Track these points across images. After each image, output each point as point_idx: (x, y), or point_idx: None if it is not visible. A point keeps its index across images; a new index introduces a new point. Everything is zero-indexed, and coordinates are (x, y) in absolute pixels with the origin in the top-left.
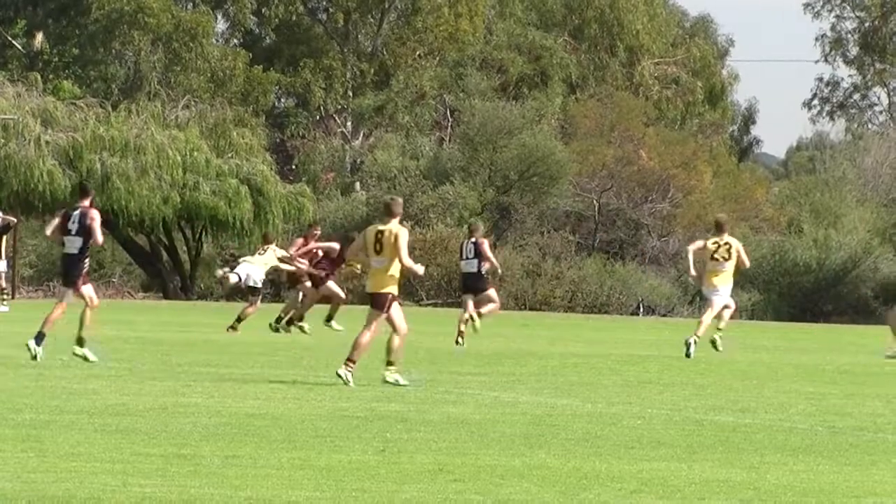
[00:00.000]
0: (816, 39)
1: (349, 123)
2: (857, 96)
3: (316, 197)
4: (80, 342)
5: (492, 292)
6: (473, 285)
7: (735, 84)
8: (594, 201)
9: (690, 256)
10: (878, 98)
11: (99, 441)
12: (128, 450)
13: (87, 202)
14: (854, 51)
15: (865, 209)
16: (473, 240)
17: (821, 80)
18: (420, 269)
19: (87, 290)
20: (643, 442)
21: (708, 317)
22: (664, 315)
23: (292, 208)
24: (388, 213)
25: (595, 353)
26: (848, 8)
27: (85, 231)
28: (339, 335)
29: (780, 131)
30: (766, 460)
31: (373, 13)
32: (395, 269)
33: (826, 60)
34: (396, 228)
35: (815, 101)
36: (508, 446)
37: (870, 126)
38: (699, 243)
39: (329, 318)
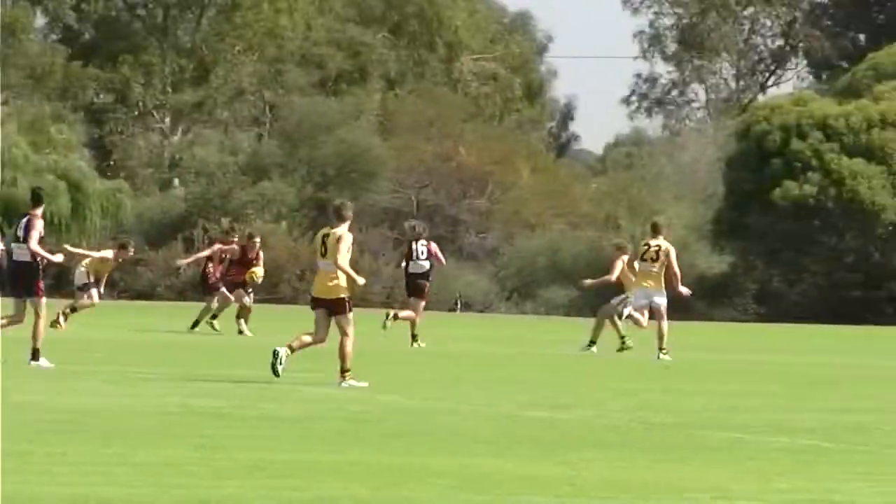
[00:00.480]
0: (635, 36)
1: (168, 119)
2: (675, 93)
3: (134, 193)
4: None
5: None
6: (420, 287)
7: (553, 80)
8: (412, 197)
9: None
10: (696, 94)
11: None
12: None
13: (38, 210)
14: (672, 47)
15: (682, 205)
16: (423, 242)
17: (639, 76)
18: (360, 280)
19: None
20: (458, 438)
21: (664, 326)
22: (481, 311)
23: (111, 204)
24: (337, 217)
25: (412, 349)
26: (666, 4)
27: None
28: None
29: (598, 127)
30: (582, 456)
31: (192, 9)
32: (341, 273)
33: (644, 57)
34: (341, 232)
35: (634, 98)
36: (325, 442)
37: (687, 122)
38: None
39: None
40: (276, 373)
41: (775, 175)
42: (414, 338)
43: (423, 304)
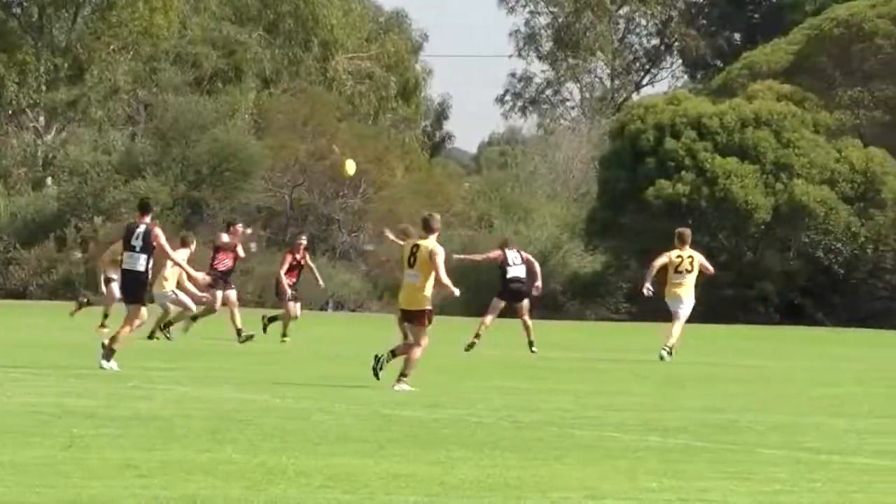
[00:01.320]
0: (510, 34)
1: (42, 118)
2: (549, 91)
3: (7, 192)
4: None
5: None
6: (519, 292)
7: (428, 79)
8: (286, 196)
9: (652, 271)
10: (571, 93)
11: None
12: None
13: (148, 219)
14: (547, 46)
15: (556, 204)
16: (516, 249)
17: (514, 75)
18: (456, 291)
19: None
20: (331, 437)
21: (677, 328)
22: (354, 310)
23: None
24: (425, 229)
25: (285, 349)
26: (542, 3)
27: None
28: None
29: (472, 126)
30: (452, 455)
31: (67, 7)
32: (428, 285)
33: (520, 55)
34: (431, 245)
35: (508, 97)
36: (196, 441)
37: (562, 121)
38: (663, 259)
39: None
40: (377, 376)
41: (649, 174)
42: (473, 341)
43: (526, 304)
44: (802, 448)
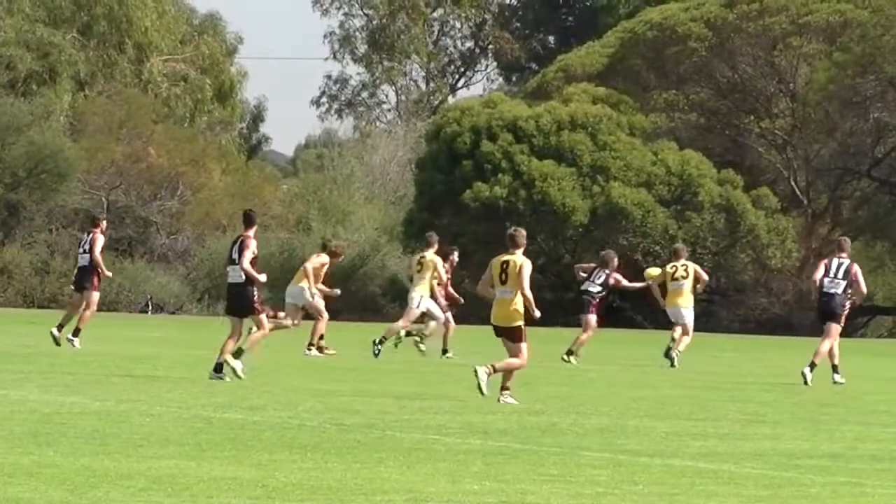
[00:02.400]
0: (325, 37)
1: None
2: (365, 94)
3: None
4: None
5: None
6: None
7: (244, 81)
8: (103, 199)
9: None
10: (387, 96)
11: None
12: None
13: (250, 231)
14: (363, 48)
15: (373, 207)
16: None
17: (329, 77)
18: (537, 312)
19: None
20: (152, 440)
21: (678, 333)
22: (173, 312)
23: None
24: (512, 244)
25: (104, 351)
26: (356, 5)
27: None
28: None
29: (289, 129)
30: (274, 458)
31: None
32: (520, 300)
33: (335, 58)
34: (521, 260)
35: (324, 99)
36: (17, 444)
37: (378, 124)
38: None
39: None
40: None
41: (466, 177)
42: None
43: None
44: (623, 451)
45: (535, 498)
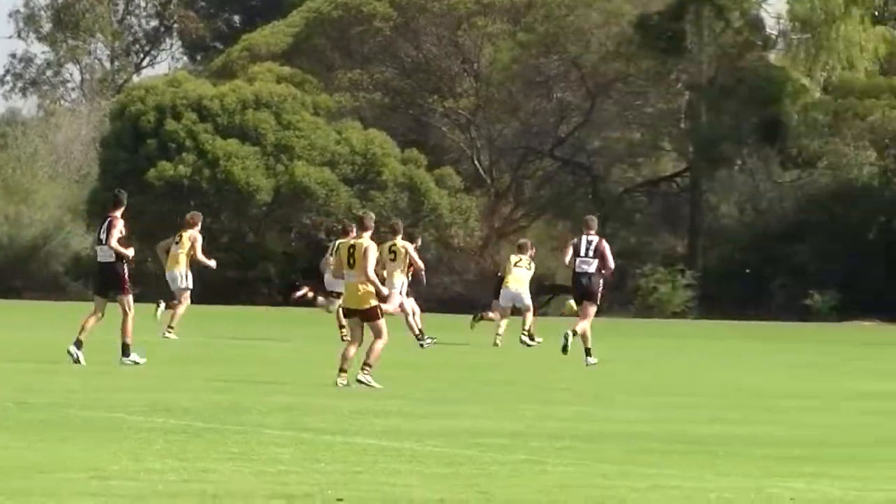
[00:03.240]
0: (10, 15)
1: None
2: (50, 73)
3: None
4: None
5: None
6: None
7: None
8: None
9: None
10: (71, 75)
11: None
12: None
13: (117, 212)
14: (47, 27)
15: (57, 185)
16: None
17: (14, 56)
18: (385, 290)
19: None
20: None
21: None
22: None
23: None
24: (360, 228)
25: None
26: None
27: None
28: None
29: None
30: None
31: None
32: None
33: (20, 36)
34: (367, 243)
35: (8, 78)
36: None
37: (62, 103)
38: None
39: None
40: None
41: (150, 155)
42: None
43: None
44: (306, 429)
45: (217, 476)
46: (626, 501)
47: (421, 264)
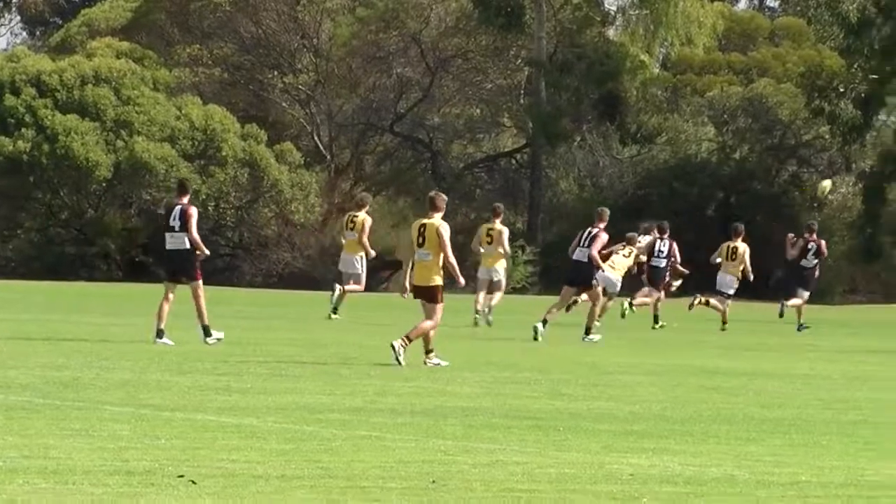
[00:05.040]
0: None
1: None
2: None
3: None
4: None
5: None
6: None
7: None
8: None
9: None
10: None
11: None
12: None
13: (185, 199)
14: None
15: None
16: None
17: None
18: (461, 279)
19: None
20: None
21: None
22: None
23: None
24: (431, 208)
25: None
26: None
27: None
28: None
29: None
30: None
31: None
32: (438, 262)
33: None
34: (438, 223)
35: None
36: None
37: None
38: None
39: None
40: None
41: None
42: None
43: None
44: (146, 405)
45: (57, 452)
46: (467, 476)
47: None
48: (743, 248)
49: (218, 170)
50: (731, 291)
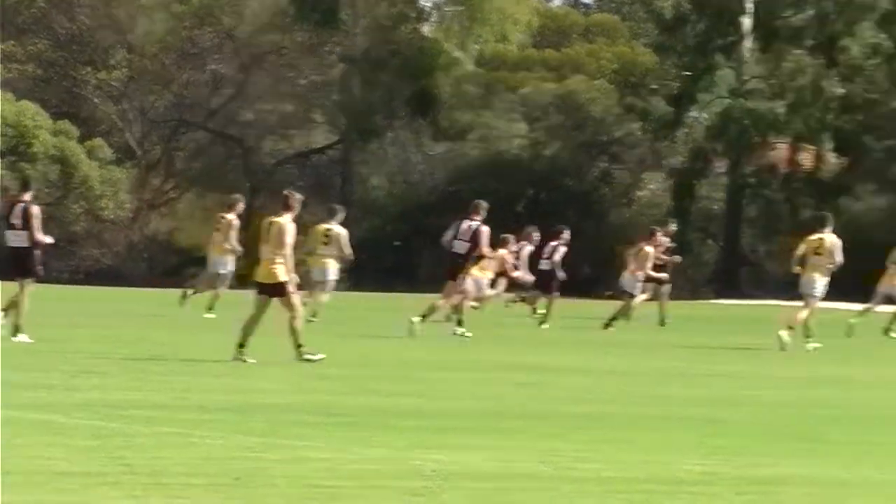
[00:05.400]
0: None
1: None
2: None
3: None
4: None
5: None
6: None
7: None
8: None
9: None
10: None
11: None
12: None
13: (27, 196)
14: None
15: None
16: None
17: None
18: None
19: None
20: None
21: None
22: None
23: None
24: (283, 207)
25: None
26: None
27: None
28: None
29: None
30: None
31: None
32: (280, 259)
33: None
34: (284, 221)
35: None
36: None
37: None
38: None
39: None
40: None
41: None
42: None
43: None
44: None
45: None
46: (270, 473)
47: (348, 251)
48: (649, 250)
49: (28, 166)
50: (637, 292)
